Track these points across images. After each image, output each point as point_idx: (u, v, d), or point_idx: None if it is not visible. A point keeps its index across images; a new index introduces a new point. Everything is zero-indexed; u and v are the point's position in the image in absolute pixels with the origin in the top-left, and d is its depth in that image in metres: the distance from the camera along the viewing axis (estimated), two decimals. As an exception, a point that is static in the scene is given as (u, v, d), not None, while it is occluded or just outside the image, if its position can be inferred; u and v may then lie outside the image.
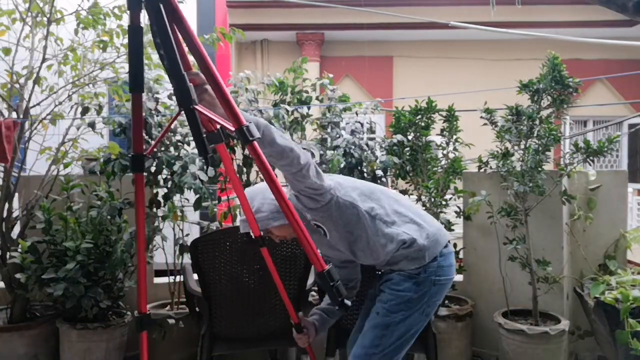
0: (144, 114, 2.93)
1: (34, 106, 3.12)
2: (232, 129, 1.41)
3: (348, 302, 1.71)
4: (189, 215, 3.28)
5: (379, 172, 3.34)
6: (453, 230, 3.46)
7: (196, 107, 1.37)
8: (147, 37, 3.22)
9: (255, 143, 1.44)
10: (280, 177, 1.77)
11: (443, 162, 3.47)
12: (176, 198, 3.07)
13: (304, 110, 3.42)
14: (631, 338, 2.51)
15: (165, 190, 3.03)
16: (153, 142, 2.97)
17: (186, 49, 1.44)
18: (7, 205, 3.05)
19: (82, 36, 3.20)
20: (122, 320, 3.00)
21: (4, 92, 3.11)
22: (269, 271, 2.07)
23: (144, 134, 3.00)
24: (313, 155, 1.65)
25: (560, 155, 3.76)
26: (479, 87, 4.87)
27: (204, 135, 1.38)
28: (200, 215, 3.68)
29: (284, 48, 9.73)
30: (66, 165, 3.20)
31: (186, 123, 3.13)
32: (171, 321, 2.93)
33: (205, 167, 2.93)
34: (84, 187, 3.07)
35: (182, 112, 1.37)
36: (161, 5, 1.32)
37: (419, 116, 3.42)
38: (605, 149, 2.92)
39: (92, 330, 2.85)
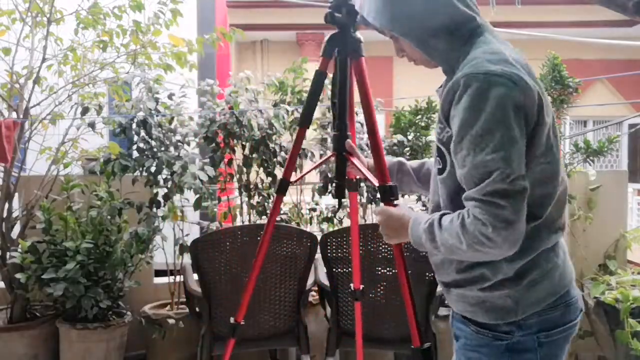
0: (143, 113, 2.95)
1: (34, 106, 3.12)
2: (377, 184, 1.48)
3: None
4: (189, 215, 3.28)
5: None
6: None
7: (349, 155, 1.58)
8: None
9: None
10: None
11: (443, 162, 3.46)
12: (176, 198, 3.07)
13: (304, 110, 3.42)
14: (631, 338, 2.52)
15: (165, 190, 3.03)
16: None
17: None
18: (7, 205, 3.05)
19: (82, 36, 3.19)
20: (122, 320, 3.00)
21: (4, 92, 3.11)
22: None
23: (144, 134, 3.01)
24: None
25: (560, 155, 3.76)
26: (479, 87, 4.86)
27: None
28: (200, 215, 3.68)
29: (284, 48, 9.72)
30: (66, 165, 3.20)
31: (187, 123, 3.18)
32: (171, 321, 2.92)
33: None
34: (84, 187, 3.07)
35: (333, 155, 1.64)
36: (349, 60, 1.58)
37: (419, 116, 3.42)
38: (605, 149, 2.93)
39: (92, 330, 2.85)
